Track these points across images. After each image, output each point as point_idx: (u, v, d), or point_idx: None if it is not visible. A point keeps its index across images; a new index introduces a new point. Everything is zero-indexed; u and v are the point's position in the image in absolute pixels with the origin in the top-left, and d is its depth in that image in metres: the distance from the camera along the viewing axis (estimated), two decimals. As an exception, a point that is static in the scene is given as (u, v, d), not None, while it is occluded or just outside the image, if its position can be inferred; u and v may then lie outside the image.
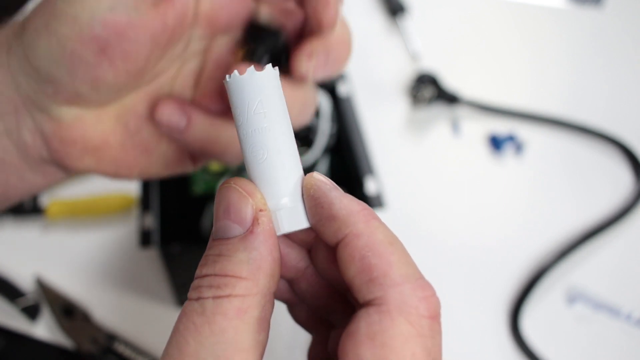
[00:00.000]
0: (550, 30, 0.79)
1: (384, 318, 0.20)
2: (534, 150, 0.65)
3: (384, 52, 0.78)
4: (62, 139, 0.29)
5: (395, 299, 0.21)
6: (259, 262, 0.20)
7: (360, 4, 0.85)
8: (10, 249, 0.60)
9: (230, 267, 0.20)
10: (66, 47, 0.26)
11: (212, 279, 0.20)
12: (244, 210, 0.21)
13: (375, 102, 0.71)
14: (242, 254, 0.20)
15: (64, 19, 0.25)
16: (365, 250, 0.21)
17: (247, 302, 0.20)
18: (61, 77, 0.27)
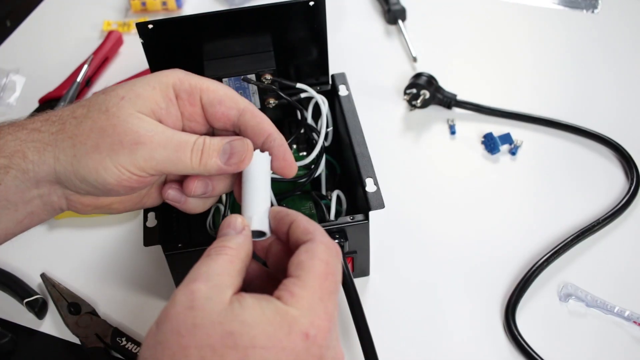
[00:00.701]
0: (545, 34, 0.80)
1: (313, 244, 0.36)
2: (528, 150, 0.66)
3: (383, 55, 0.79)
4: (82, 203, 0.42)
5: (319, 237, 0.36)
6: (241, 244, 0.37)
7: (359, 8, 0.86)
8: (18, 248, 0.61)
9: (226, 243, 0.36)
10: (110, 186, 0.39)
11: (215, 249, 0.36)
12: (239, 225, 0.38)
13: (373, 104, 0.72)
14: (234, 239, 0.37)
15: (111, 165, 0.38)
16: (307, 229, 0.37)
17: (232, 259, 0.35)
18: (96, 192, 0.40)
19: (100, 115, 0.38)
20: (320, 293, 0.34)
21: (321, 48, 0.58)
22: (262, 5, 0.54)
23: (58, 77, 0.76)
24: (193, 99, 0.41)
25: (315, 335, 0.32)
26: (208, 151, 0.39)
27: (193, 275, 0.34)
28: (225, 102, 0.42)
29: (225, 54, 0.56)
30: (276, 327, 0.31)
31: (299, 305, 0.33)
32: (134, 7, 0.86)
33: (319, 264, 0.34)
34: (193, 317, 0.31)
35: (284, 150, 0.42)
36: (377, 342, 0.46)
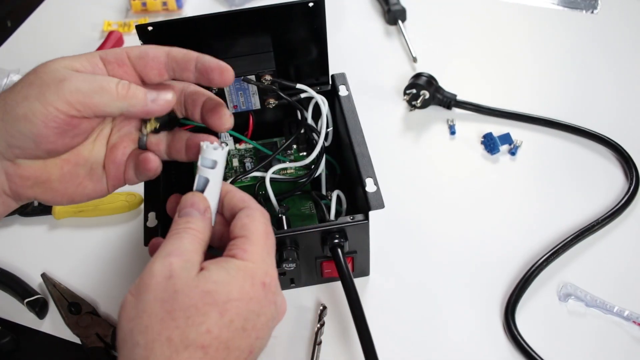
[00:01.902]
0: (545, 34, 0.80)
1: (250, 209, 0.40)
2: (527, 150, 0.67)
3: (383, 55, 0.79)
4: (21, 175, 0.41)
5: (254, 204, 0.41)
6: (205, 227, 0.39)
7: (359, 8, 0.86)
8: (19, 248, 0.61)
9: (193, 225, 0.39)
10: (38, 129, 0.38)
11: (183, 229, 0.38)
12: (202, 206, 0.40)
13: (373, 104, 0.72)
14: (199, 221, 0.39)
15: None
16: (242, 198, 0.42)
17: (198, 239, 0.38)
18: (29, 146, 0.40)
19: (28, 76, 0.40)
20: (266, 249, 0.39)
21: (321, 48, 0.58)
22: (262, 6, 0.54)
23: (58, 77, 0.76)
24: (121, 60, 0.42)
25: (270, 283, 0.38)
26: (135, 88, 0.41)
27: (167, 249, 0.37)
28: (150, 51, 0.43)
29: (225, 55, 0.56)
30: (242, 281, 0.36)
31: (253, 258, 0.37)
32: (134, 7, 0.86)
33: (260, 226, 0.39)
34: (173, 284, 0.35)
35: (216, 61, 0.42)
36: (377, 342, 0.47)
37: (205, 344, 0.34)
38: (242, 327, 0.35)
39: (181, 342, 0.33)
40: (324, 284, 0.56)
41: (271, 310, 0.38)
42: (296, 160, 0.60)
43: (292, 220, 0.54)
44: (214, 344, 0.34)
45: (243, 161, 0.61)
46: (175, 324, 0.34)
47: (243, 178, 0.56)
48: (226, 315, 0.35)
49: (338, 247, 0.49)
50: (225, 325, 0.35)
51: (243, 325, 0.35)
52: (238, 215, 0.40)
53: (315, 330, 0.53)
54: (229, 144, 0.61)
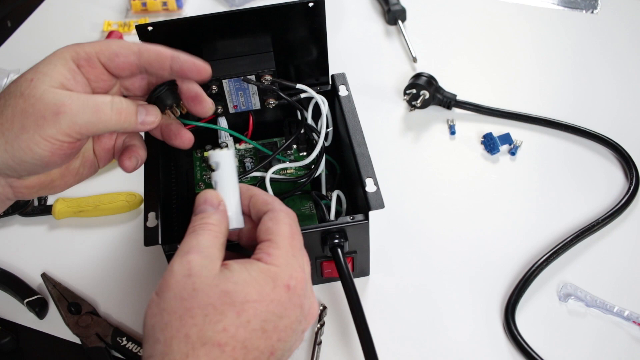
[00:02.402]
0: (545, 34, 0.80)
1: (274, 212, 0.41)
2: (527, 150, 0.67)
3: (383, 55, 0.79)
4: (27, 186, 0.43)
5: (277, 206, 0.41)
6: (220, 219, 0.40)
7: (359, 8, 0.86)
8: (19, 248, 0.61)
9: (208, 220, 0.40)
10: (44, 159, 0.40)
11: (199, 225, 0.39)
12: (215, 201, 0.41)
13: (373, 104, 0.72)
14: (214, 215, 0.40)
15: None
16: (265, 200, 0.42)
17: (216, 234, 0.39)
18: (36, 170, 0.42)
19: (17, 100, 0.40)
20: (291, 250, 0.39)
21: (321, 48, 0.58)
22: (262, 6, 0.54)
23: (58, 77, 0.76)
24: (92, 63, 0.43)
25: (295, 286, 0.38)
26: (127, 110, 0.43)
27: (186, 247, 0.38)
28: (121, 52, 0.44)
29: (225, 55, 0.56)
30: (262, 283, 0.36)
31: (277, 262, 0.38)
32: (134, 7, 0.86)
33: (284, 227, 0.40)
34: (192, 282, 0.36)
35: (191, 60, 0.44)
36: (377, 342, 0.47)
37: (222, 342, 0.34)
38: (261, 328, 0.36)
39: (198, 339, 0.34)
40: (324, 284, 0.56)
41: (296, 313, 0.38)
42: (296, 160, 0.60)
43: (292, 220, 0.54)
44: (230, 342, 0.35)
45: (243, 161, 0.61)
46: (194, 322, 0.34)
47: (243, 178, 0.56)
48: (243, 315, 0.35)
49: (338, 247, 0.49)
50: (242, 325, 0.35)
51: (262, 327, 0.36)
52: (263, 218, 0.41)
53: (315, 330, 0.53)
54: (229, 143, 0.61)
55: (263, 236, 0.40)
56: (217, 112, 0.58)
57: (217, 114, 0.58)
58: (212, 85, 0.55)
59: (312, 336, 0.53)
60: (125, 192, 0.63)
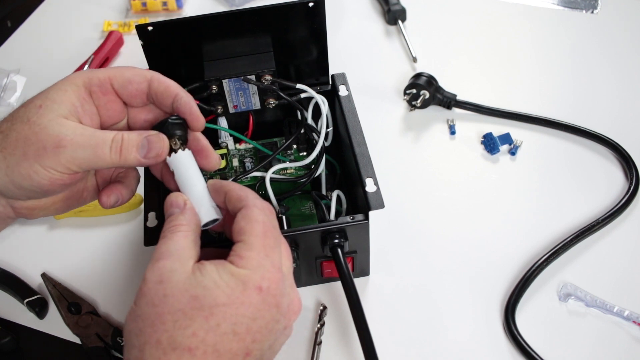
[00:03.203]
0: (545, 34, 0.80)
1: (247, 210, 0.40)
2: (527, 150, 0.67)
3: (383, 55, 0.79)
4: (28, 207, 0.44)
5: (251, 202, 0.41)
6: (189, 218, 0.41)
7: (359, 8, 0.86)
8: (19, 248, 0.61)
9: (177, 222, 0.40)
10: (43, 187, 0.41)
11: (168, 230, 0.40)
12: (180, 202, 0.41)
13: (373, 104, 0.72)
14: (181, 215, 0.41)
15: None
16: (239, 196, 0.42)
17: (186, 233, 0.39)
18: (37, 196, 0.43)
19: (23, 126, 0.41)
20: (264, 251, 0.39)
21: (321, 48, 0.58)
22: (262, 6, 0.54)
23: (59, 77, 0.74)
24: (105, 88, 0.44)
25: (268, 287, 0.38)
26: (127, 147, 0.42)
27: (157, 254, 0.38)
28: (134, 79, 0.44)
29: (225, 55, 0.56)
30: (232, 287, 0.37)
31: (248, 265, 0.38)
32: (134, 7, 0.86)
33: (256, 226, 0.39)
34: (163, 289, 0.37)
35: (190, 107, 0.45)
36: (377, 342, 0.47)
37: (192, 347, 0.35)
38: (232, 331, 0.36)
39: (169, 345, 0.35)
40: (324, 284, 0.56)
41: (272, 313, 0.38)
42: (296, 160, 0.60)
43: (292, 220, 0.54)
44: (200, 346, 0.35)
45: (243, 161, 0.61)
46: (164, 327, 0.36)
47: (243, 178, 0.56)
48: (212, 319, 0.36)
49: (338, 247, 0.50)
50: (211, 329, 0.36)
51: (233, 329, 0.36)
52: (236, 217, 0.40)
53: (315, 330, 0.53)
54: (229, 143, 0.61)
55: (236, 237, 0.40)
56: (217, 112, 0.58)
57: (217, 114, 0.58)
58: (212, 85, 0.55)
59: (312, 336, 0.53)
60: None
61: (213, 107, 0.58)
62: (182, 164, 0.43)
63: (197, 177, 0.43)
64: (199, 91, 0.56)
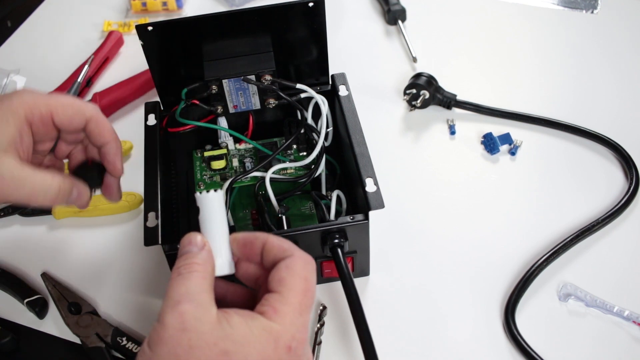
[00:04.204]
0: (545, 34, 0.80)
1: (292, 260, 0.38)
2: (527, 150, 0.67)
3: (383, 55, 0.79)
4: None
5: (297, 253, 0.39)
6: (206, 259, 0.38)
7: (359, 8, 0.86)
8: (19, 248, 0.61)
9: (193, 260, 0.38)
10: None
11: (184, 267, 0.37)
12: (199, 241, 0.39)
13: (373, 104, 0.72)
14: (199, 254, 0.38)
15: None
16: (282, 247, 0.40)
17: (204, 274, 0.37)
18: None
19: None
20: (299, 308, 0.37)
21: (321, 48, 0.58)
22: (262, 6, 0.54)
23: (59, 77, 0.76)
24: (45, 121, 0.45)
25: (296, 347, 0.36)
26: (60, 196, 0.45)
27: (175, 296, 0.35)
28: (75, 118, 0.46)
29: (225, 55, 0.56)
30: (264, 344, 0.35)
31: (281, 320, 0.36)
32: (134, 7, 0.86)
33: (299, 281, 0.37)
34: (188, 338, 0.34)
35: (114, 160, 0.48)
36: (377, 342, 0.47)
37: None
38: None
39: None
40: (324, 284, 0.56)
41: None
42: (296, 160, 0.60)
43: (292, 220, 0.54)
44: None
45: (243, 161, 0.61)
46: None
47: (243, 178, 0.56)
48: None
49: (338, 247, 0.50)
50: None
51: None
52: (278, 265, 0.38)
53: (315, 330, 0.53)
54: (229, 143, 0.61)
55: (274, 286, 0.37)
56: (217, 112, 0.58)
57: (217, 114, 0.58)
58: (212, 85, 0.55)
59: (312, 336, 0.53)
60: (125, 192, 0.62)
61: (213, 107, 0.58)
62: (210, 205, 0.41)
63: (222, 224, 0.41)
64: (199, 91, 0.56)
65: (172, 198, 0.58)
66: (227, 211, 0.41)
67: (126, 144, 0.68)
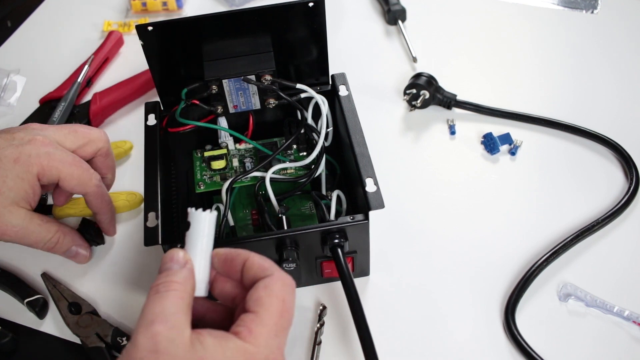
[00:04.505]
0: (545, 34, 0.80)
1: (271, 280, 0.38)
2: (527, 150, 0.67)
3: (383, 55, 0.79)
4: None
5: (276, 273, 0.38)
6: (187, 277, 0.37)
7: (359, 8, 0.86)
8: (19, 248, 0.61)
9: (173, 278, 0.37)
10: None
11: (162, 285, 0.36)
12: (181, 259, 0.38)
13: (373, 104, 0.72)
14: (179, 272, 0.37)
15: None
16: (262, 265, 0.39)
17: (182, 294, 0.36)
18: None
19: None
20: (275, 329, 0.36)
21: (321, 48, 0.58)
22: (262, 6, 0.54)
23: (59, 77, 0.76)
24: (52, 183, 0.52)
25: None
26: (58, 248, 0.55)
27: (150, 316, 0.35)
28: (76, 189, 0.53)
29: (225, 55, 0.56)
30: None
31: (256, 342, 0.35)
32: (134, 7, 0.86)
33: (277, 302, 0.37)
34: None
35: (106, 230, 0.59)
36: (377, 342, 0.47)
37: None
38: None
39: None
40: (324, 284, 0.56)
41: None
42: (296, 160, 0.60)
43: (292, 220, 0.54)
44: None
45: (243, 161, 0.61)
46: None
47: (243, 178, 0.56)
48: None
49: (338, 247, 0.50)
50: None
51: None
52: (256, 285, 0.38)
53: (315, 330, 0.53)
54: (229, 143, 0.61)
55: (251, 306, 0.37)
56: (217, 112, 0.58)
57: (217, 114, 0.58)
58: (212, 85, 0.55)
59: (312, 336, 0.53)
60: (125, 192, 0.63)
61: (213, 107, 0.58)
62: (202, 224, 0.40)
63: (208, 245, 0.40)
64: (199, 91, 0.56)
65: (172, 198, 0.58)
66: (215, 233, 0.41)
67: (126, 144, 0.68)
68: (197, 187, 0.59)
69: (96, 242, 0.60)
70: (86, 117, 0.71)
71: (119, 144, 0.68)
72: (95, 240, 0.60)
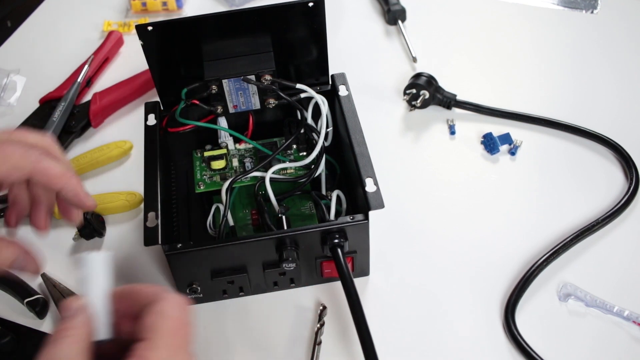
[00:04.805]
0: (545, 34, 0.80)
1: (159, 303, 0.36)
2: (527, 150, 0.67)
3: (383, 55, 0.79)
4: None
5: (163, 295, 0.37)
6: (83, 321, 0.36)
7: (359, 8, 0.86)
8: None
9: (67, 324, 0.36)
10: None
11: (58, 333, 0.35)
12: (74, 307, 0.37)
13: (373, 104, 0.72)
14: (75, 318, 0.36)
15: None
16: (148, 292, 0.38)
17: (77, 338, 0.35)
18: None
19: None
20: (172, 350, 0.35)
21: (321, 48, 0.58)
22: (262, 6, 0.54)
23: (59, 77, 0.76)
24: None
25: None
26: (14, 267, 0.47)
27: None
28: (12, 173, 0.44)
29: (225, 55, 0.56)
30: None
31: None
32: (134, 7, 0.86)
33: (168, 322, 0.36)
34: None
35: (79, 203, 0.46)
36: (377, 342, 0.47)
37: None
38: None
39: None
40: (324, 284, 0.56)
41: None
42: (296, 160, 0.60)
43: (292, 220, 0.54)
44: None
45: (243, 161, 0.61)
46: None
47: (243, 178, 0.56)
48: None
49: (338, 247, 0.50)
50: None
51: None
52: (146, 311, 0.36)
53: (315, 330, 0.53)
54: (229, 143, 0.61)
55: (143, 333, 0.36)
56: (217, 112, 0.58)
57: (217, 114, 0.58)
58: (212, 85, 0.55)
59: (312, 336, 0.53)
60: (125, 192, 0.63)
61: (213, 107, 0.58)
62: (91, 266, 0.38)
63: (103, 287, 0.38)
64: (199, 91, 0.56)
65: (172, 198, 0.58)
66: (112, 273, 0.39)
67: (126, 144, 0.68)
68: (197, 187, 0.59)
69: (100, 233, 0.60)
70: (86, 117, 0.71)
71: (119, 144, 0.68)
72: (100, 231, 0.60)
